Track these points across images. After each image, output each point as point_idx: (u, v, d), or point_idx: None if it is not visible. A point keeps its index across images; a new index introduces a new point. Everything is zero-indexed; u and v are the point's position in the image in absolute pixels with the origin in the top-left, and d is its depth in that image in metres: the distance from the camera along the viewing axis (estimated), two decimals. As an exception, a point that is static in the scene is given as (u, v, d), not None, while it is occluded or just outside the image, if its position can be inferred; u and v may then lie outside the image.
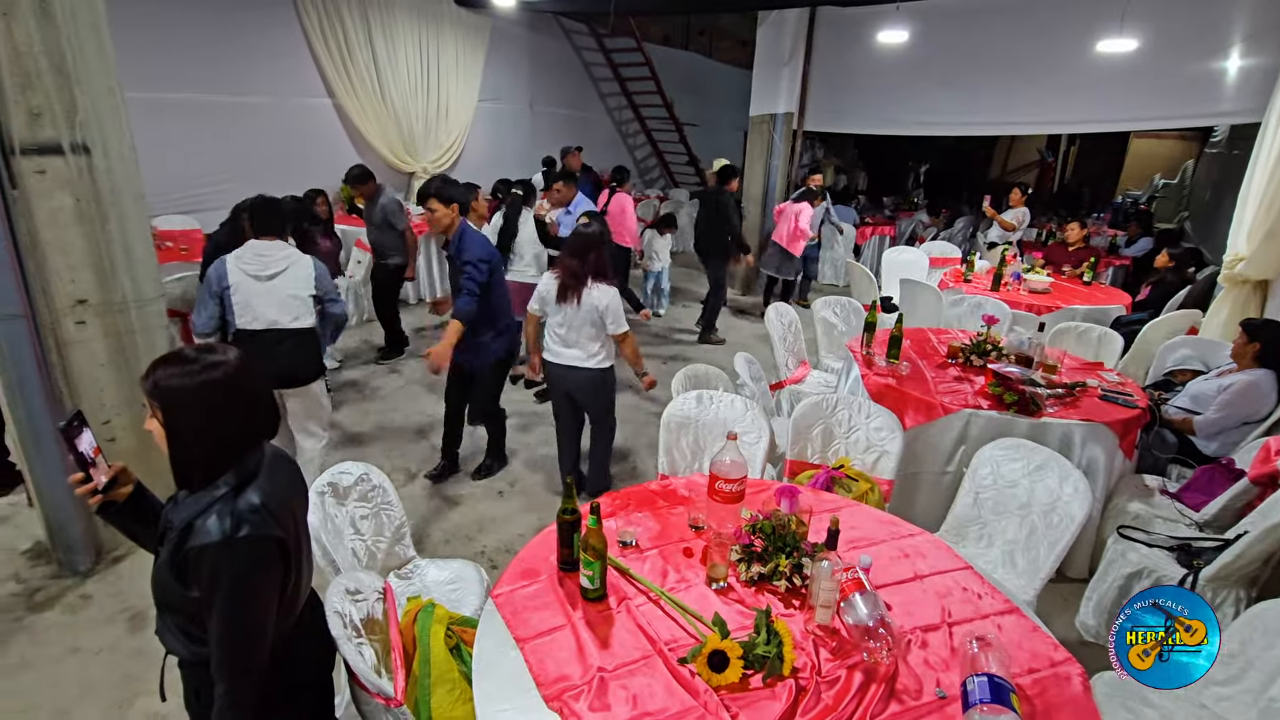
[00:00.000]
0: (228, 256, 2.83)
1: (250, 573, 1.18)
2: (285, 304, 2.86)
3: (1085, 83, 5.98)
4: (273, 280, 2.85)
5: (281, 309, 2.86)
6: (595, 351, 3.14)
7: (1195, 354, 3.85)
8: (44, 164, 2.38)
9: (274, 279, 2.85)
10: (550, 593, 1.62)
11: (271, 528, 1.19)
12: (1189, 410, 3.26)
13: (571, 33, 9.91)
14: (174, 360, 1.20)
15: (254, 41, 6.26)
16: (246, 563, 1.17)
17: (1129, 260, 7.14)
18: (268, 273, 2.84)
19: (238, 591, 1.16)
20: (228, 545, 1.14)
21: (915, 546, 1.89)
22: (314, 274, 2.95)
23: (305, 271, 2.93)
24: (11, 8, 2.23)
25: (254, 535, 1.16)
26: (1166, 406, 3.37)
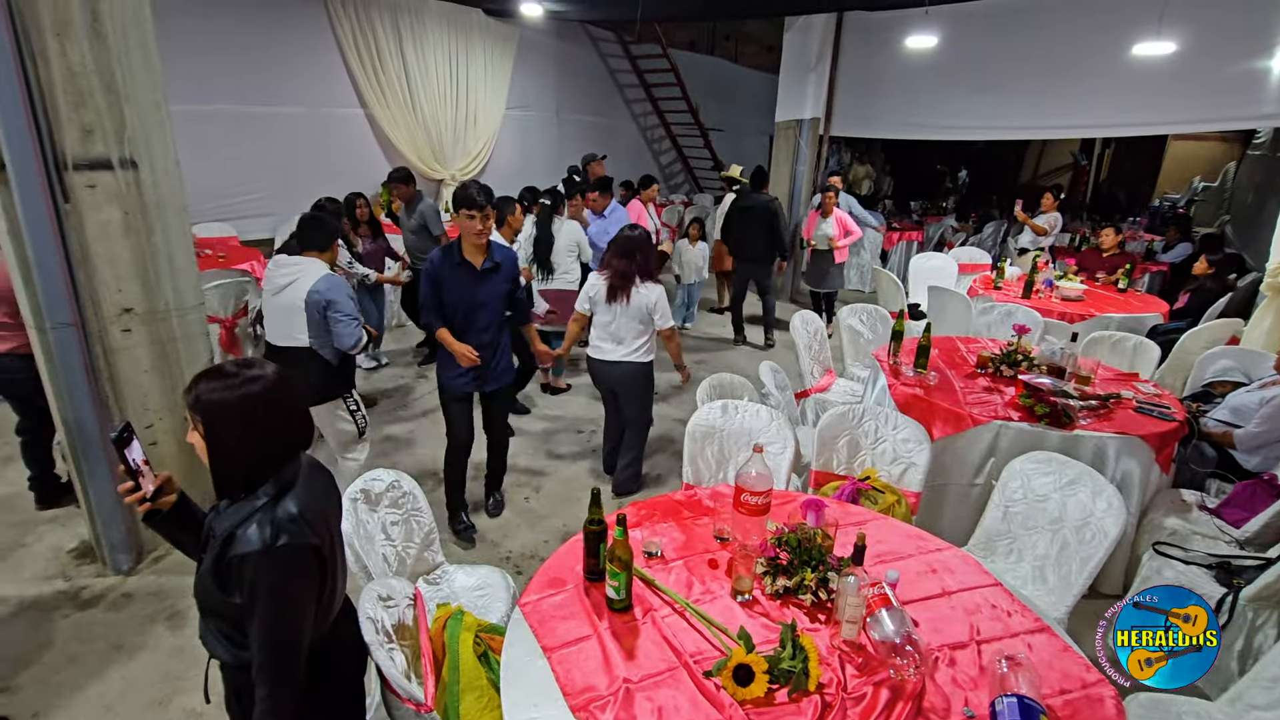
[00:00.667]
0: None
1: (289, 580, 1.22)
2: (283, 320, 2.84)
3: (1121, 85, 5.86)
4: (277, 296, 2.84)
5: (277, 326, 2.87)
6: (638, 346, 3.39)
7: (1236, 365, 3.75)
8: (94, 179, 2.48)
9: (278, 295, 2.84)
10: (577, 602, 1.64)
11: (309, 536, 1.23)
12: (1229, 423, 3.17)
13: (598, 40, 9.99)
14: (215, 375, 1.24)
15: (289, 53, 6.43)
16: (285, 570, 1.21)
17: (1166, 266, 6.96)
18: (274, 288, 2.85)
19: (277, 598, 1.20)
20: (267, 554, 1.19)
21: (943, 562, 1.88)
22: (311, 291, 2.76)
23: (303, 289, 2.77)
24: (65, 29, 2.33)
25: (292, 544, 1.21)
26: (1205, 419, 3.28)
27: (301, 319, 2.80)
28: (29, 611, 2.60)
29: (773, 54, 10.02)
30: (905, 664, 1.43)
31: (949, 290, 5.15)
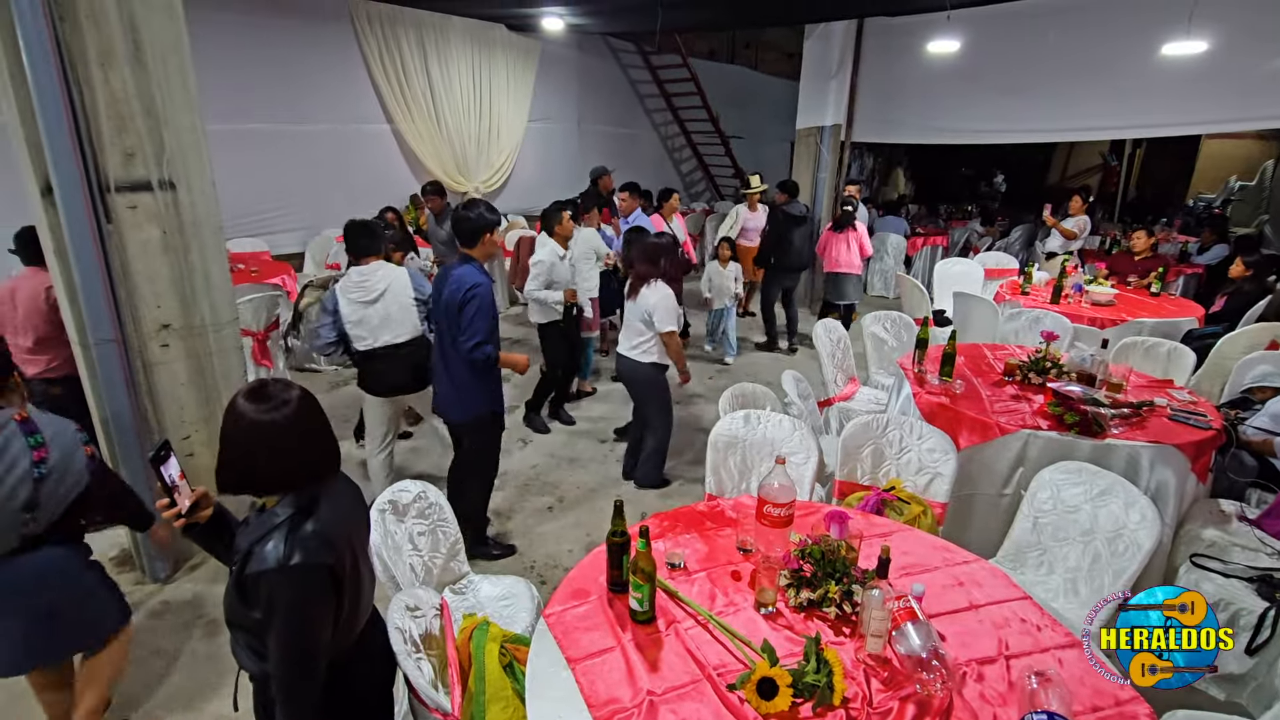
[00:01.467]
0: (337, 286, 3.12)
1: (303, 598, 1.25)
2: (392, 322, 3.11)
3: (1151, 85, 5.75)
4: (377, 302, 3.08)
5: (388, 327, 3.11)
6: (639, 344, 3.50)
7: (1276, 370, 3.63)
8: (135, 200, 2.58)
9: (378, 300, 3.08)
10: (600, 614, 1.66)
11: (324, 556, 1.25)
12: (1270, 431, 3.08)
13: (619, 51, 10.09)
14: (251, 395, 1.29)
15: (317, 72, 6.60)
16: (300, 588, 1.24)
17: (1202, 269, 6.78)
18: (372, 297, 3.08)
19: (292, 615, 1.24)
20: (281, 571, 1.22)
21: (970, 574, 1.85)
22: (411, 283, 3.17)
23: (404, 283, 3.15)
24: (109, 58, 2.43)
25: (307, 563, 1.23)
26: (1244, 427, 3.18)
27: (406, 316, 3.13)
28: (72, 618, 2.69)
29: (793, 61, 10.02)
30: (932, 679, 1.42)
31: (975, 296, 5.08)
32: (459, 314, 2.75)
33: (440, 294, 2.85)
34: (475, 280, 2.76)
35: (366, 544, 1.47)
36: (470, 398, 2.93)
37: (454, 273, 2.82)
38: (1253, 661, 2.25)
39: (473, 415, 2.97)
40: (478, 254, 2.88)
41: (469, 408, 2.96)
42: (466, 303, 2.73)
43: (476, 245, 2.86)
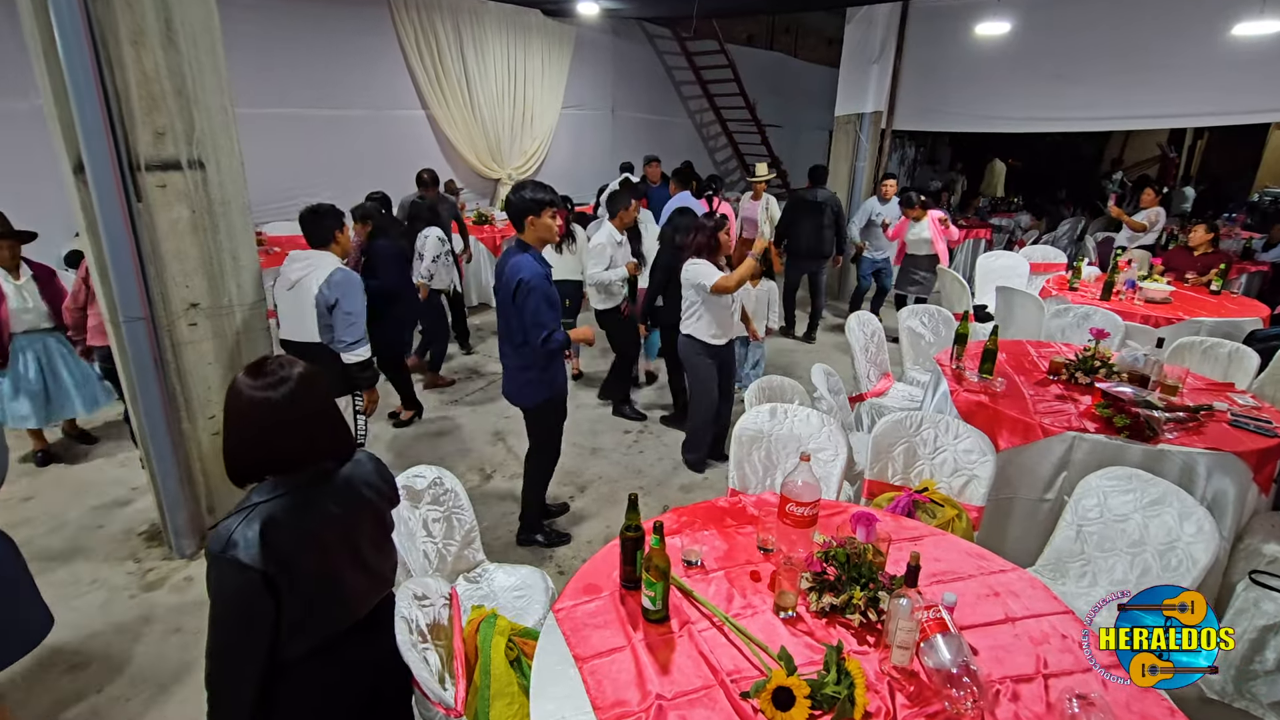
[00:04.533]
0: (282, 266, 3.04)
1: (225, 594, 1.21)
2: (290, 316, 2.98)
3: (1218, 70, 5.40)
4: (290, 291, 2.95)
5: (288, 321, 3.00)
6: (684, 312, 3.66)
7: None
8: (165, 179, 2.59)
9: (291, 289, 2.94)
10: (611, 611, 1.60)
11: (256, 560, 1.18)
12: None
13: (654, 37, 9.94)
14: (250, 370, 1.26)
15: (355, 58, 6.65)
16: (223, 583, 1.20)
17: (1268, 266, 6.39)
18: (287, 285, 2.95)
19: (215, 607, 1.21)
20: (214, 560, 1.19)
21: (1007, 584, 1.74)
22: (323, 287, 2.85)
23: (315, 281, 2.86)
24: (141, 37, 2.44)
25: (236, 560, 1.17)
26: None
27: (307, 315, 2.90)
28: (99, 591, 2.75)
29: (833, 47, 9.74)
30: (962, 696, 1.33)
31: (1020, 291, 4.87)
32: (515, 307, 2.67)
33: (498, 282, 2.77)
34: (524, 271, 2.62)
35: (366, 538, 1.40)
36: (527, 385, 2.88)
37: (509, 261, 2.70)
38: (1316, 688, 2.08)
39: (533, 402, 2.92)
40: (529, 238, 2.72)
41: (528, 394, 2.91)
42: (524, 298, 2.62)
43: (524, 229, 2.72)
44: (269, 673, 1.28)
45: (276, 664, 1.29)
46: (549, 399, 2.92)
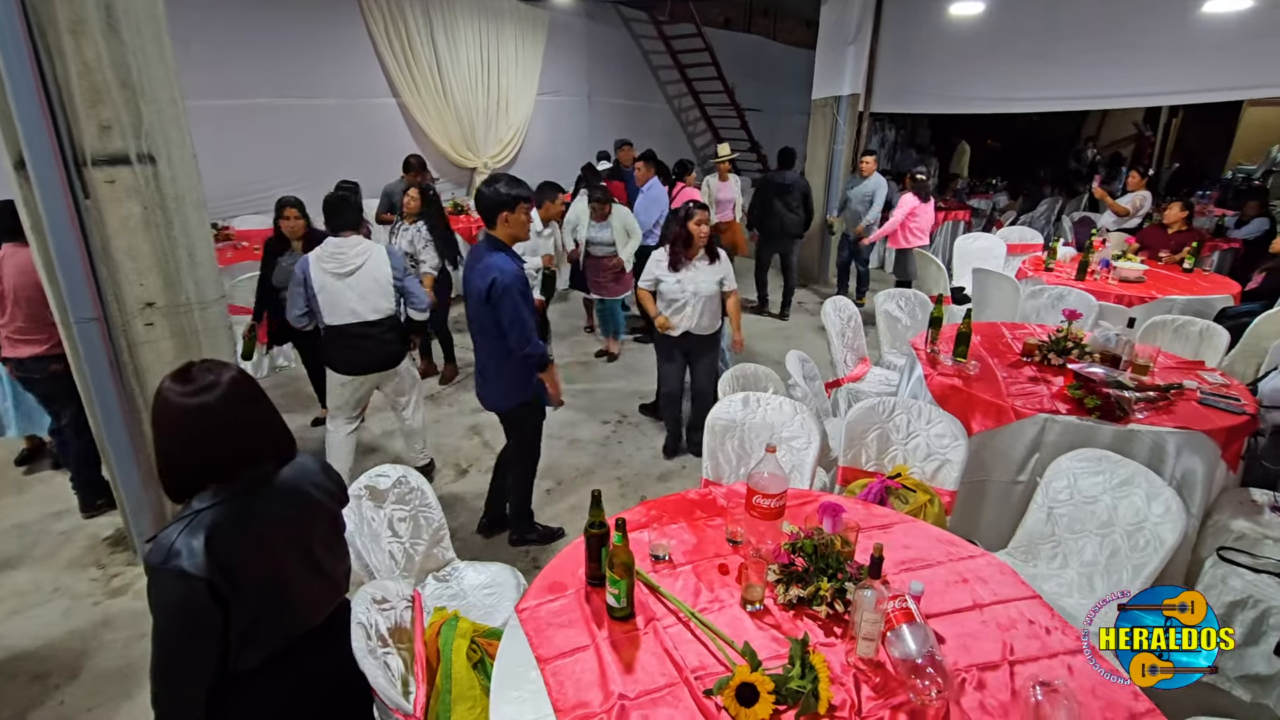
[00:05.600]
0: (309, 256, 3.05)
1: (168, 606, 1.17)
2: (366, 297, 3.06)
3: (1192, 48, 5.40)
4: (352, 276, 3.04)
5: (363, 302, 3.06)
6: None
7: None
8: (113, 174, 2.49)
9: (354, 275, 3.04)
10: (576, 609, 1.57)
11: (200, 569, 1.14)
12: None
13: (630, 21, 9.80)
14: (176, 376, 1.20)
15: (322, 45, 6.49)
16: (166, 596, 1.16)
17: (1239, 243, 6.45)
18: (346, 269, 3.03)
19: (158, 621, 1.17)
20: (155, 573, 1.15)
21: (975, 570, 1.73)
22: (390, 263, 3.12)
23: (381, 260, 3.10)
24: (80, 26, 2.33)
25: (179, 571, 1.13)
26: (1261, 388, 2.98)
27: (379, 293, 3.08)
28: (62, 599, 2.69)
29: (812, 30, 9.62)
30: (927, 686, 1.31)
31: (994, 272, 4.87)
32: (489, 307, 2.54)
33: (469, 281, 2.61)
34: (497, 270, 2.50)
35: (317, 540, 1.36)
36: (505, 387, 2.76)
37: (480, 261, 2.57)
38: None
39: (512, 406, 2.81)
40: (501, 234, 2.59)
41: (506, 397, 2.80)
42: (500, 299, 2.50)
43: (496, 224, 2.58)
44: (220, 686, 1.24)
45: (228, 676, 1.25)
46: (528, 401, 2.81)
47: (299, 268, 3.05)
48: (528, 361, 2.63)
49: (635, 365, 5.22)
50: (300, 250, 3.81)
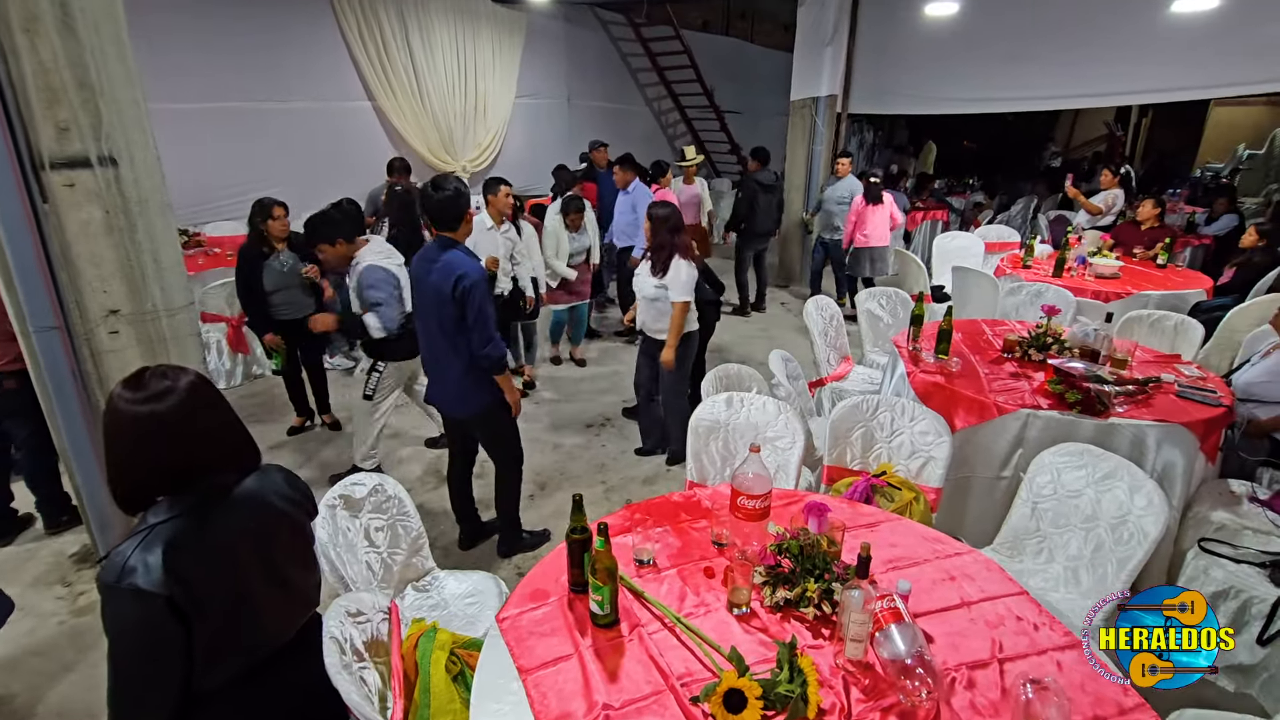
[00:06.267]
0: (373, 260, 3.08)
1: (125, 626, 1.11)
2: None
3: (1160, 48, 5.51)
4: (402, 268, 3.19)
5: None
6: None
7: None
8: (73, 177, 2.40)
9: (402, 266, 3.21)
10: (559, 617, 1.53)
11: (158, 585, 1.09)
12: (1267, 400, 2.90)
13: (608, 23, 9.78)
14: (128, 382, 1.15)
15: (294, 48, 6.38)
16: (122, 615, 1.11)
17: (1210, 239, 6.58)
18: (401, 261, 3.22)
19: (115, 644, 1.11)
20: (110, 592, 1.09)
21: (962, 567, 1.72)
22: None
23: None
24: (35, 24, 2.25)
25: (135, 589, 1.08)
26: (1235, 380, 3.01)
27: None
28: (26, 618, 2.58)
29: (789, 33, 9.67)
30: (916, 687, 1.29)
31: (974, 270, 4.91)
32: (454, 306, 2.47)
33: (425, 279, 2.52)
34: (465, 267, 2.45)
35: (282, 552, 1.30)
36: (473, 388, 2.64)
37: (440, 257, 2.49)
38: (1265, 652, 2.13)
39: (481, 407, 2.69)
40: (459, 236, 2.56)
41: (475, 400, 2.67)
42: (465, 297, 2.43)
43: (457, 227, 2.55)
44: (185, 706, 1.18)
45: (193, 696, 1.19)
46: (491, 401, 2.69)
47: (374, 274, 3.04)
48: (486, 362, 2.55)
49: (619, 369, 5.18)
50: (285, 249, 3.74)
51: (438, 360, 2.67)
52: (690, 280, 3.35)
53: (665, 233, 3.35)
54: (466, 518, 3.08)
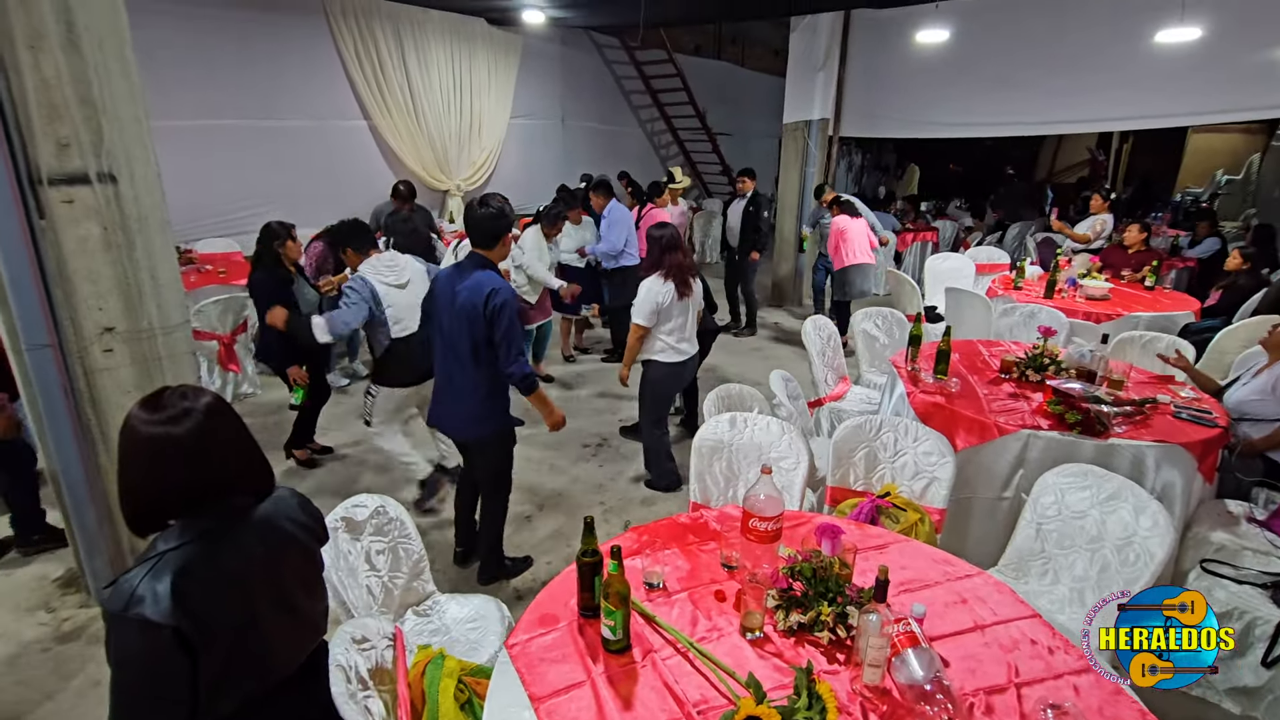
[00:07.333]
0: (364, 272, 3.09)
1: (129, 656, 1.08)
2: (415, 307, 3.02)
3: (1142, 75, 5.65)
4: (406, 288, 3.13)
5: (414, 312, 3.05)
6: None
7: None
8: (71, 194, 2.38)
9: (406, 286, 3.14)
10: (570, 643, 1.50)
11: (166, 615, 1.05)
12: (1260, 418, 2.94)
13: (603, 47, 9.91)
14: (146, 402, 1.12)
15: (291, 66, 6.39)
16: (127, 646, 1.07)
17: (1194, 262, 6.70)
18: (402, 280, 3.14)
19: (117, 673, 1.08)
20: (115, 621, 1.06)
21: (974, 589, 1.71)
22: (424, 270, 3.24)
23: (423, 272, 3.22)
24: (39, 41, 2.24)
25: (141, 619, 1.04)
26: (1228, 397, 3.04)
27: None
28: (7, 644, 2.50)
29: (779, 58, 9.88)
30: (936, 713, 1.27)
31: (968, 291, 4.96)
32: (485, 325, 2.44)
33: (451, 297, 2.50)
34: (498, 283, 2.45)
35: (293, 580, 1.27)
36: (484, 413, 2.61)
37: (471, 275, 2.47)
38: (1270, 674, 2.13)
39: (489, 432, 2.66)
40: (495, 256, 2.56)
41: (479, 426, 2.64)
42: (496, 314, 2.41)
43: (496, 246, 2.55)
44: None
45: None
46: (502, 428, 2.67)
47: (357, 284, 3.04)
48: (515, 380, 2.53)
49: (615, 387, 5.16)
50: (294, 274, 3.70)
51: (452, 380, 2.63)
52: (649, 303, 3.29)
53: (657, 252, 3.39)
54: (467, 536, 3.04)
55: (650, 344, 3.44)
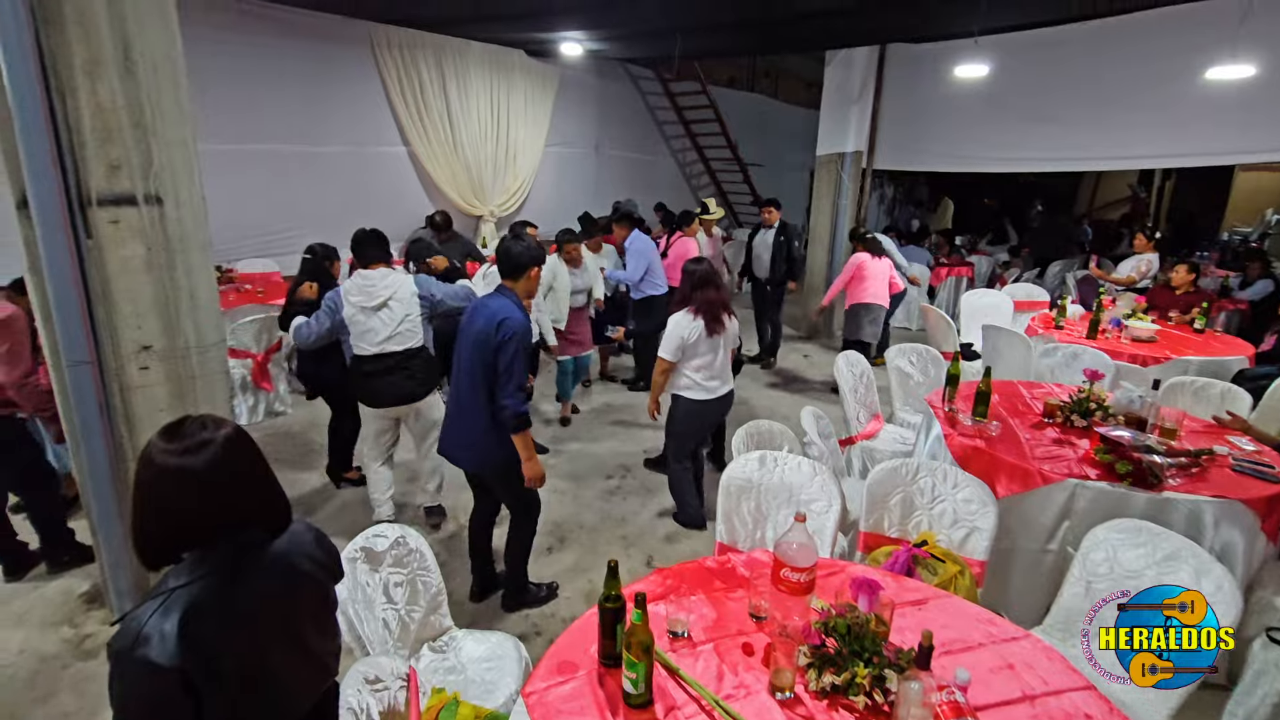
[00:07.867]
0: (343, 287, 3.17)
1: (130, 699, 1.04)
2: (393, 330, 3.13)
3: (1191, 113, 5.50)
4: (380, 310, 3.13)
5: (390, 335, 3.12)
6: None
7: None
8: (118, 214, 2.44)
9: (381, 308, 3.13)
10: (589, 694, 1.43)
11: (173, 658, 1.01)
12: None
13: (638, 78, 10.07)
14: (166, 431, 1.10)
15: (335, 94, 6.59)
16: (130, 687, 1.04)
17: (1246, 304, 6.45)
18: (374, 303, 3.12)
19: (117, 707, 1.05)
20: (120, 659, 1.03)
21: (1020, 654, 1.59)
22: (417, 292, 3.20)
23: (410, 291, 3.19)
24: (97, 67, 2.31)
25: (146, 661, 1.01)
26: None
27: (407, 326, 3.16)
28: (28, 660, 2.50)
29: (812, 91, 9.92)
30: (984, 796, 1.17)
31: (1006, 329, 4.81)
32: (492, 352, 2.45)
33: (471, 325, 2.55)
34: (511, 313, 2.47)
35: (306, 618, 1.23)
36: (490, 442, 2.57)
37: (491, 304, 2.53)
38: (1346, 757, 1.95)
39: (494, 461, 2.62)
40: (520, 289, 2.61)
41: (493, 454, 2.59)
42: (503, 344, 2.43)
43: (519, 279, 2.61)
44: None
45: None
46: (510, 456, 2.57)
47: (331, 297, 3.16)
48: (506, 414, 2.47)
49: (638, 419, 5.10)
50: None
51: (463, 409, 2.62)
52: (675, 338, 3.23)
53: (688, 287, 3.34)
54: (482, 568, 2.98)
55: (676, 379, 3.38)
